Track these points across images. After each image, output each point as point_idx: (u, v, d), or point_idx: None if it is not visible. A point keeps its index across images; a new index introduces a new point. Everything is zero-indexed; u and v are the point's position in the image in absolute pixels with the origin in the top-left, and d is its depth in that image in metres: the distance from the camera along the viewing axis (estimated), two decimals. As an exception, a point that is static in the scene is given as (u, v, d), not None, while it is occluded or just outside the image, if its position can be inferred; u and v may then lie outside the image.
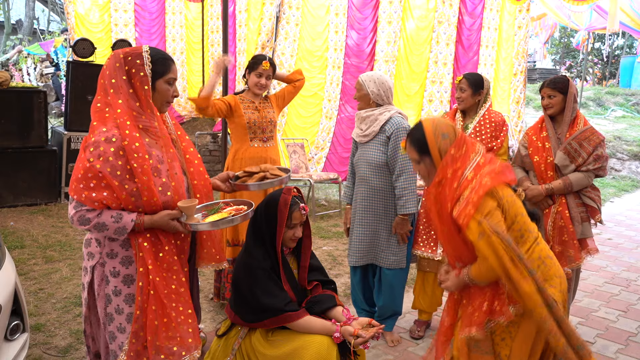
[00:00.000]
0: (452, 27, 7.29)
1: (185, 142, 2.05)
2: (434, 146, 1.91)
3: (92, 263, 1.91)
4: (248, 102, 3.42)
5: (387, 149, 2.95)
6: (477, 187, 1.82)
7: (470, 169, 1.88)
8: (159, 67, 1.89)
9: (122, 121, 1.80)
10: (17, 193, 6.07)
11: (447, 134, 1.92)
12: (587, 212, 2.97)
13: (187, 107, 9.49)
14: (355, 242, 3.07)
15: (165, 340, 1.84)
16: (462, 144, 1.92)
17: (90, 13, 8.37)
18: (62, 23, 18.80)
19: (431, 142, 1.91)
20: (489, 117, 3.09)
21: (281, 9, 7.71)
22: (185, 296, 1.92)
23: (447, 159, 1.89)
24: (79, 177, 1.77)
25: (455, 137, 1.92)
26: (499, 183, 1.84)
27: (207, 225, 1.92)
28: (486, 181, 1.82)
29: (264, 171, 2.32)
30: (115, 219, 1.79)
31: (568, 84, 2.92)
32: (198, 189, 2.03)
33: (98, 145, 1.77)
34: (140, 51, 1.87)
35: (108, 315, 1.89)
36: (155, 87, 1.90)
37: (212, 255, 2.14)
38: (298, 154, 6.70)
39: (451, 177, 1.89)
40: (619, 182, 8.68)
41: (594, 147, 2.88)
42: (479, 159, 1.90)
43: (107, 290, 1.88)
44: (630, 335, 3.36)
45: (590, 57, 17.70)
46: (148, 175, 1.80)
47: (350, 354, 2.17)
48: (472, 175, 1.86)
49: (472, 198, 1.81)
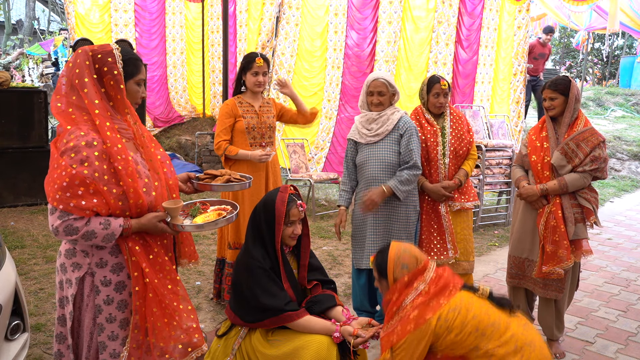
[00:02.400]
0: (451, 27, 7.30)
1: (154, 142, 1.99)
2: (390, 273, 2.09)
3: (79, 274, 1.81)
4: (247, 105, 3.39)
5: (400, 147, 2.99)
6: (405, 318, 1.97)
7: (410, 298, 2.02)
8: (130, 67, 1.83)
9: (100, 122, 1.73)
10: (17, 193, 6.09)
11: (407, 264, 2.08)
12: (582, 213, 2.95)
13: (187, 107, 9.49)
14: (369, 245, 3.02)
15: (169, 340, 1.82)
16: (417, 273, 2.06)
17: (91, 13, 8.38)
18: (62, 23, 18.82)
19: (390, 269, 2.09)
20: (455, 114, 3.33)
21: (281, 9, 7.71)
22: (182, 293, 1.91)
23: (399, 283, 2.06)
24: (64, 186, 1.67)
25: (416, 266, 2.07)
26: (428, 315, 1.95)
27: (193, 227, 1.90)
28: (413, 315, 1.96)
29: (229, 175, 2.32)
30: (104, 226, 1.73)
31: (569, 85, 2.91)
32: (173, 188, 1.99)
33: (79, 150, 1.68)
34: (110, 49, 1.78)
35: (98, 326, 1.82)
36: (126, 87, 1.83)
37: (191, 253, 2.13)
38: (298, 154, 6.70)
39: (395, 300, 2.06)
40: (618, 182, 8.68)
41: (592, 148, 2.88)
42: (423, 288, 2.02)
43: (97, 301, 1.81)
44: (630, 335, 3.36)
45: (590, 57, 17.70)
46: (133, 177, 1.76)
47: (350, 353, 2.17)
48: (410, 304, 2.00)
49: (397, 329, 1.98)
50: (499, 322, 1.97)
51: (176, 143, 8.81)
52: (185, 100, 9.49)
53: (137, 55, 1.92)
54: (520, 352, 1.91)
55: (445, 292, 2.00)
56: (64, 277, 1.87)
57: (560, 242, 2.89)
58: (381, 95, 3.00)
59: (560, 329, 3.12)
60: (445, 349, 1.97)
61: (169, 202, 1.85)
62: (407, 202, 3.03)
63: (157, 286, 1.82)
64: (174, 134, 9.06)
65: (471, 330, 1.93)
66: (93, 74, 1.75)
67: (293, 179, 6.47)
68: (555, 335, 3.10)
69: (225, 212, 2.00)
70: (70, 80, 1.76)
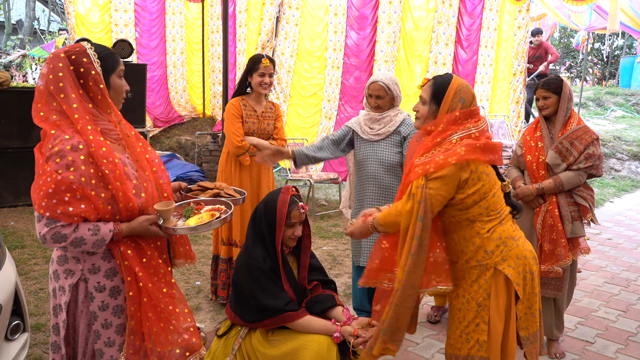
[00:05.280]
0: (451, 27, 7.30)
1: (142, 141, 1.93)
2: (448, 100, 2.00)
3: (72, 281, 1.77)
4: (250, 109, 3.39)
5: (404, 149, 2.99)
6: (450, 151, 1.93)
7: (458, 134, 1.98)
8: (108, 62, 1.77)
9: (82, 126, 1.67)
10: (17, 193, 6.09)
11: (465, 99, 2.01)
12: (578, 211, 2.98)
13: (187, 107, 9.49)
14: (366, 242, 3.03)
15: (166, 345, 1.79)
16: (470, 113, 2.01)
17: (91, 13, 8.37)
18: (62, 23, 18.81)
19: (448, 96, 2.00)
20: None
21: (281, 9, 7.71)
22: (178, 296, 1.87)
23: (449, 117, 1.99)
24: (50, 192, 1.61)
25: (470, 106, 2.02)
26: (473, 157, 1.93)
27: (187, 229, 1.85)
28: (460, 150, 1.92)
29: (218, 189, 2.26)
30: (93, 232, 1.68)
31: (562, 85, 2.97)
32: (163, 188, 1.94)
33: (64, 154, 1.63)
34: (84, 49, 1.72)
35: (94, 333, 1.79)
36: (110, 83, 1.79)
37: (186, 252, 2.09)
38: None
39: (440, 131, 2.00)
40: (618, 182, 8.68)
41: (586, 146, 2.91)
42: (474, 132, 1.98)
43: (92, 308, 1.78)
44: (630, 335, 3.36)
45: (590, 57, 17.70)
46: (121, 179, 1.70)
47: (350, 353, 2.17)
48: (456, 140, 1.96)
49: (439, 158, 1.93)
50: (504, 214, 2.04)
51: (176, 143, 8.81)
52: (185, 100, 9.48)
53: (110, 49, 1.85)
54: (503, 243, 1.99)
55: (488, 154, 1.99)
56: (56, 284, 1.83)
57: (557, 240, 2.91)
58: (379, 99, 2.99)
59: (560, 329, 3.13)
60: (453, 208, 1.98)
61: (160, 204, 1.80)
62: None
63: (152, 290, 1.77)
64: (174, 134, 9.05)
65: (483, 205, 1.97)
66: (69, 76, 1.69)
67: (293, 179, 6.47)
68: (555, 335, 3.10)
69: (219, 213, 1.95)
70: (46, 87, 1.69)
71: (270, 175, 3.56)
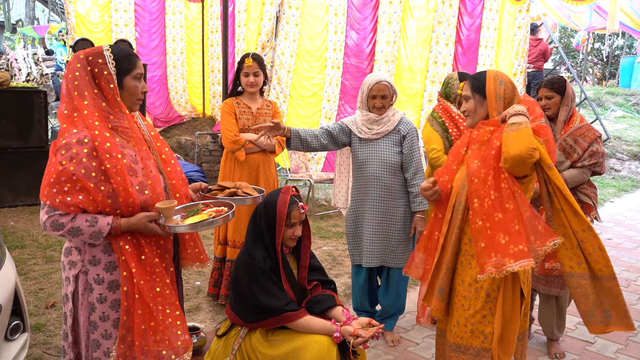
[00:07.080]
0: (451, 27, 7.30)
1: (160, 142, 2.00)
2: (490, 85, 2.12)
3: (75, 272, 1.84)
4: (244, 106, 3.40)
5: (403, 148, 3.00)
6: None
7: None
8: (124, 64, 1.84)
9: (90, 122, 1.75)
10: (17, 193, 6.08)
11: (505, 82, 2.13)
12: (582, 208, 2.98)
13: (187, 107, 9.49)
14: (367, 244, 3.03)
15: (153, 344, 1.80)
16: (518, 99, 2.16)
17: (91, 13, 8.36)
18: (62, 23, 18.80)
19: (489, 81, 2.12)
20: None
21: (281, 9, 7.71)
22: (172, 298, 1.87)
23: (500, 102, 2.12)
24: (52, 182, 1.71)
25: (512, 87, 2.14)
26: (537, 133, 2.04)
27: (185, 227, 1.84)
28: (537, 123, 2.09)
29: (237, 188, 2.27)
30: (91, 223, 1.74)
31: (565, 85, 2.97)
32: (177, 188, 1.98)
33: (70, 147, 1.72)
34: (101, 50, 1.83)
35: (92, 324, 1.84)
36: (123, 84, 1.85)
37: (196, 255, 2.10)
38: (298, 154, 6.70)
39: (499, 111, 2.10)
40: (618, 182, 8.68)
41: (589, 143, 2.92)
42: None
43: (90, 299, 1.83)
44: (630, 335, 3.36)
45: (590, 57, 17.70)
46: (123, 175, 1.75)
47: (350, 353, 2.17)
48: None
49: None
50: None
51: (176, 143, 8.80)
52: (185, 100, 9.48)
53: (131, 51, 1.92)
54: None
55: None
56: (64, 275, 1.90)
57: None
58: (384, 99, 2.98)
59: (561, 329, 3.12)
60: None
61: (162, 202, 1.82)
62: (407, 202, 3.04)
63: (143, 288, 1.79)
64: (174, 134, 9.05)
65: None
66: (86, 76, 1.79)
67: (293, 179, 6.47)
68: (555, 335, 3.10)
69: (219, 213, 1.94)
70: (66, 86, 1.81)
71: (271, 174, 3.55)
